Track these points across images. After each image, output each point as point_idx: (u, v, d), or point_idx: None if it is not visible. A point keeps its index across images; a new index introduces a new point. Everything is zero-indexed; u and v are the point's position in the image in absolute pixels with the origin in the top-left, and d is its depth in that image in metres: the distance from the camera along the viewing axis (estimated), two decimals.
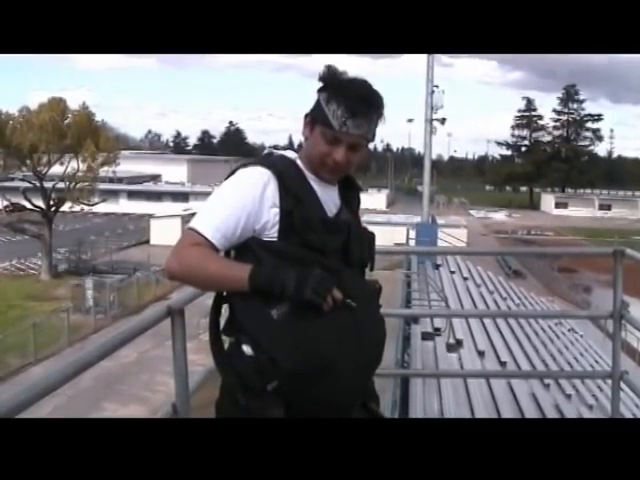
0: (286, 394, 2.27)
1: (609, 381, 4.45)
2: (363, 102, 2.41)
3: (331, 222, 2.47)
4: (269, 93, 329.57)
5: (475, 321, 18.18)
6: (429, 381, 10.93)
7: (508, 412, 11.31)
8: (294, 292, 2.26)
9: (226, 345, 2.46)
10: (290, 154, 2.57)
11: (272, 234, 2.39)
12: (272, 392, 2.27)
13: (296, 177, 2.46)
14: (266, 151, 2.60)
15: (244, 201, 2.38)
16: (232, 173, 2.49)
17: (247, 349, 2.33)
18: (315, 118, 2.47)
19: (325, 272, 2.33)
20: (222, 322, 2.47)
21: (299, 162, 2.53)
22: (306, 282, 2.27)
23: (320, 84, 2.48)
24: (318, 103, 2.47)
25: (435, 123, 30.34)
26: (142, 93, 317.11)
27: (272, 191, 2.39)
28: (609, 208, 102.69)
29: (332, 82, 2.44)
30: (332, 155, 2.43)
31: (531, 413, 12.04)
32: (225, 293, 2.44)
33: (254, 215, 2.37)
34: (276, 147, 2.67)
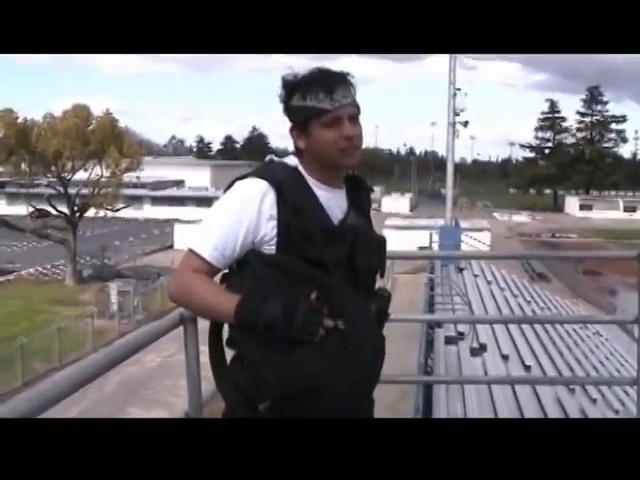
0: (278, 414, 2.22)
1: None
2: (331, 75, 2.39)
3: (334, 230, 2.39)
4: None
5: (499, 325, 18.03)
6: (452, 386, 10.85)
7: (533, 417, 11.19)
8: (282, 331, 2.21)
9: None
10: (291, 161, 2.49)
11: (270, 247, 2.34)
12: (264, 412, 2.24)
13: (297, 186, 2.39)
14: (267, 159, 2.53)
15: (241, 216, 2.33)
16: (229, 186, 2.44)
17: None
18: (305, 120, 2.40)
19: (318, 292, 2.26)
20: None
21: (301, 169, 2.45)
22: (293, 320, 2.20)
23: (280, 102, 2.44)
24: (296, 109, 2.41)
25: (458, 126, 30.20)
26: (166, 98, 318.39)
27: (270, 203, 2.33)
28: (634, 210, 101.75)
29: (295, 83, 2.40)
30: (342, 135, 2.36)
31: (552, 412, 11.91)
32: None
33: (252, 230, 2.33)
34: (277, 154, 2.58)
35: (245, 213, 2.33)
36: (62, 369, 25.20)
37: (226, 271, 2.44)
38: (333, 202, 2.44)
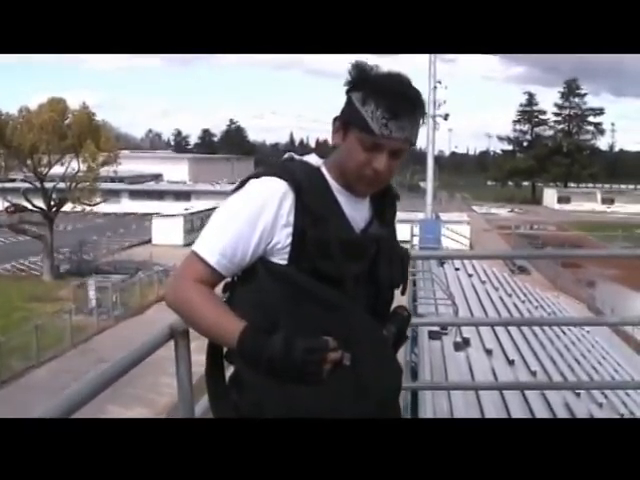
0: None
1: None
2: (406, 100, 2.10)
3: (355, 242, 2.17)
4: (271, 91, 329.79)
5: (481, 318, 17.98)
6: (437, 383, 10.74)
7: (518, 413, 11.11)
8: (281, 372, 1.94)
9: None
10: (314, 159, 2.24)
11: (282, 257, 2.11)
12: None
13: (318, 190, 2.14)
14: (286, 156, 2.26)
15: (256, 220, 2.08)
16: (243, 183, 2.18)
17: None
18: (348, 122, 2.13)
19: (325, 324, 2.03)
20: None
21: (324, 170, 2.20)
22: (290, 359, 1.92)
23: (346, 83, 2.15)
24: (351, 104, 2.13)
25: (438, 119, 30.20)
26: (145, 92, 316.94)
27: (288, 208, 2.09)
28: (612, 202, 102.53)
29: (366, 79, 2.12)
30: (372, 164, 2.10)
31: (541, 412, 11.85)
32: None
33: (266, 236, 2.09)
34: (291, 150, 2.30)
35: (261, 217, 2.09)
36: (40, 367, 24.98)
37: (229, 280, 2.22)
38: (356, 211, 2.21)
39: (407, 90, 2.12)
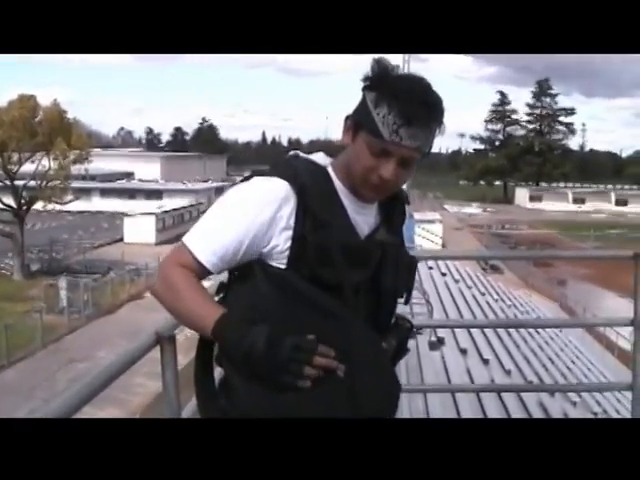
0: None
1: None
2: (422, 106, 1.96)
3: (358, 248, 2.05)
4: (244, 89, 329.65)
5: (456, 318, 18.02)
6: (412, 380, 10.72)
7: (494, 412, 11.12)
8: (259, 365, 1.85)
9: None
10: (321, 159, 2.13)
11: (281, 261, 2.00)
12: None
13: (323, 192, 2.03)
14: (291, 153, 2.14)
15: (253, 223, 1.98)
16: (244, 180, 2.08)
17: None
18: (359, 123, 2.01)
19: (322, 328, 1.92)
20: None
21: (331, 170, 2.09)
22: (275, 354, 1.83)
23: (365, 81, 2.03)
24: (364, 104, 2.01)
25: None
26: (117, 90, 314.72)
27: (289, 210, 1.98)
28: (583, 202, 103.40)
29: (382, 79, 1.99)
30: (378, 170, 1.99)
31: (516, 411, 11.86)
32: None
33: (261, 238, 1.99)
34: (297, 148, 2.21)
35: (258, 220, 1.98)
36: (10, 367, 24.67)
37: (224, 281, 2.13)
38: (361, 215, 2.10)
39: (424, 95, 1.99)
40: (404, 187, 2.27)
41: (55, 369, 24.20)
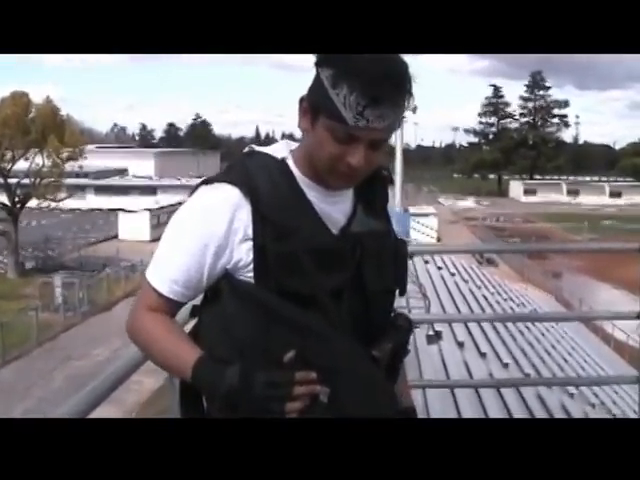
0: None
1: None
2: (387, 81, 1.67)
3: (330, 251, 1.80)
4: (237, 85, 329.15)
5: (453, 312, 18.03)
6: (411, 375, 10.69)
7: (494, 408, 11.11)
8: (242, 409, 1.67)
9: None
10: (279, 151, 1.87)
11: (247, 274, 1.78)
12: None
13: (282, 192, 1.79)
14: (246, 149, 1.90)
15: (206, 238, 1.77)
16: (194, 190, 1.86)
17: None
18: (316, 106, 1.74)
19: (298, 350, 1.69)
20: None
21: (291, 163, 1.84)
22: (250, 396, 1.65)
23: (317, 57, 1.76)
24: (319, 83, 1.72)
25: (406, 112, 30.14)
26: (110, 86, 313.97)
27: (243, 219, 1.76)
28: (577, 194, 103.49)
29: (337, 55, 1.72)
30: (346, 158, 1.72)
31: (514, 404, 11.86)
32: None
33: (221, 253, 1.78)
34: (259, 143, 1.98)
35: (211, 233, 1.77)
36: (5, 366, 24.59)
37: (196, 303, 1.93)
38: (332, 205, 1.86)
39: (388, 67, 1.70)
40: (399, 180, 2.10)
41: (51, 367, 24.14)
